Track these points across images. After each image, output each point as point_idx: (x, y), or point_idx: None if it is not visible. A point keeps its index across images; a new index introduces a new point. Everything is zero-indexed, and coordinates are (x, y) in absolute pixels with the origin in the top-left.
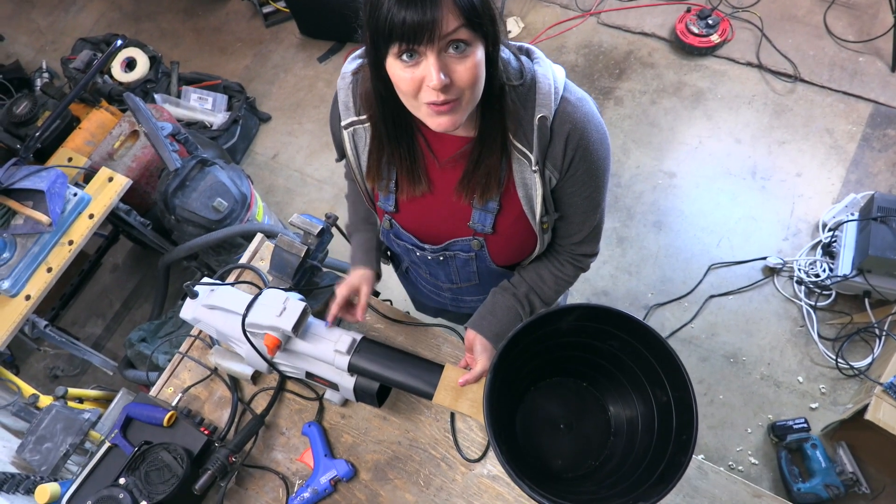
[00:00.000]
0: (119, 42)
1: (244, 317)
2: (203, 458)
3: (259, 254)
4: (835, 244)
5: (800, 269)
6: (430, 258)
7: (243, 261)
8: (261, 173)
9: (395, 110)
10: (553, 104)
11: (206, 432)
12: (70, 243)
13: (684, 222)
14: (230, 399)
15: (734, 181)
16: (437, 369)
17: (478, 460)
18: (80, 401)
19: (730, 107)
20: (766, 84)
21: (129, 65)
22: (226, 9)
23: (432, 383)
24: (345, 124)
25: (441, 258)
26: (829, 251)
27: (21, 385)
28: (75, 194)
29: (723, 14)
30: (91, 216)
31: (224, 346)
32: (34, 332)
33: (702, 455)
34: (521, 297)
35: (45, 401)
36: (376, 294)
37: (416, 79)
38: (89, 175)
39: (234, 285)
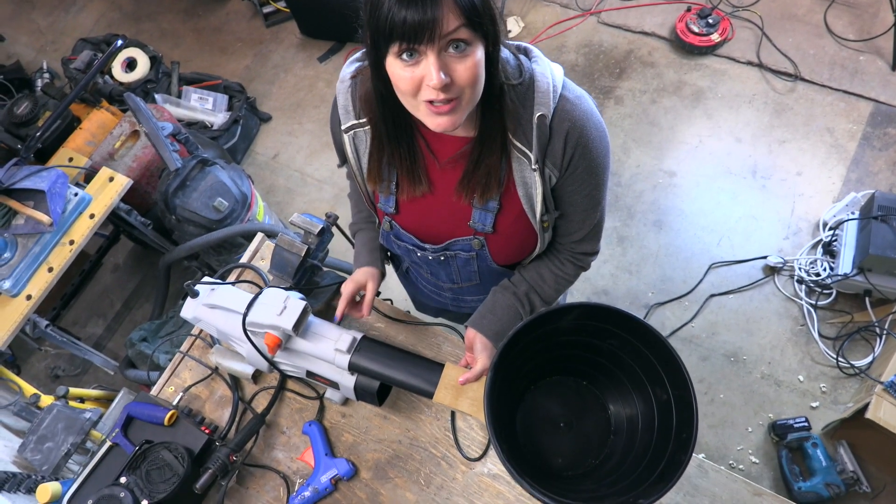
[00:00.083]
0: (119, 42)
1: (245, 316)
2: (204, 457)
3: (260, 253)
4: (835, 243)
5: (800, 268)
6: (430, 258)
7: (244, 260)
8: (261, 173)
9: (394, 110)
10: (552, 103)
11: (207, 431)
12: (71, 243)
13: (685, 221)
14: (231, 398)
15: (735, 180)
16: (438, 368)
17: (478, 459)
18: (82, 400)
19: (730, 106)
20: (767, 83)
21: (130, 65)
22: (226, 9)
23: (433, 382)
24: (345, 128)
25: (442, 258)
26: (829, 250)
27: (22, 385)
28: (76, 194)
29: (723, 13)
30: (92, 216)
31: (225, 345)
32: (35, 331)
33: (702, 454)
34: (521, 296)
35: (47, 400)
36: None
37: (416, 78)
38: (90, 175)
39: (234, 284)
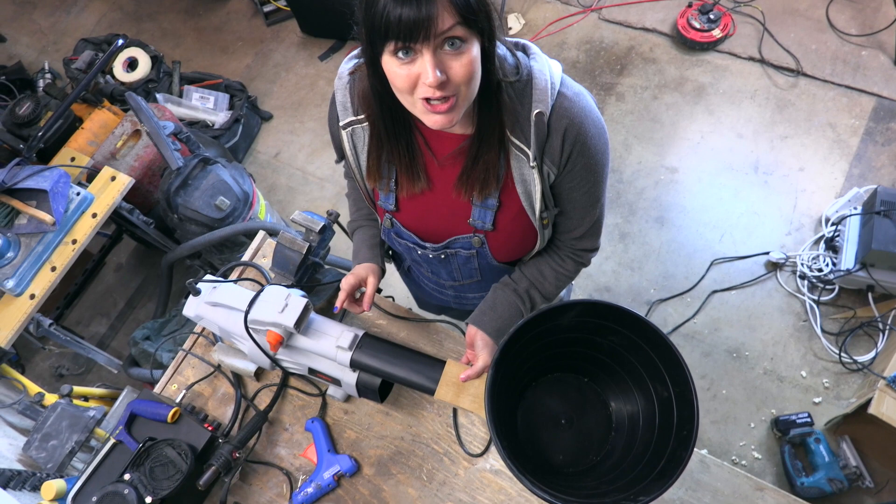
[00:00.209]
0: (120, 42)
1: (246, 313)
2: (207, 454)
3: (261, 251)
4: (838, 238)
5: (803, 264)
6: (431, 256)
7: (245, 258)
8: (263, 172)
9: (392, 107)
10: (550, 100)
11: (210, 428)
12: (73, 242)
13: (686, 218)
14: (233, 395)
15: (736, 176)
16: (439, 365)
17: (480, 455)
18: (86, 399)
19: (732, 102)
20: (769, 78)
21: (131, 65)
22: (227, 8)
23: (434, 379)
24: (343, 124)
25: (442, 256)
26: (832, 245)
27: (26, 383)
28: (78, 194)
29: (724, 9)
30: (94, 215)
31: (227, 342)
32: (39, 330)
33: (705, 450)
34: (521, 293)
35: (51, 399)
36: (379, 291)
37: (412, 76)
38: (92, 174)
39: (236, 282)
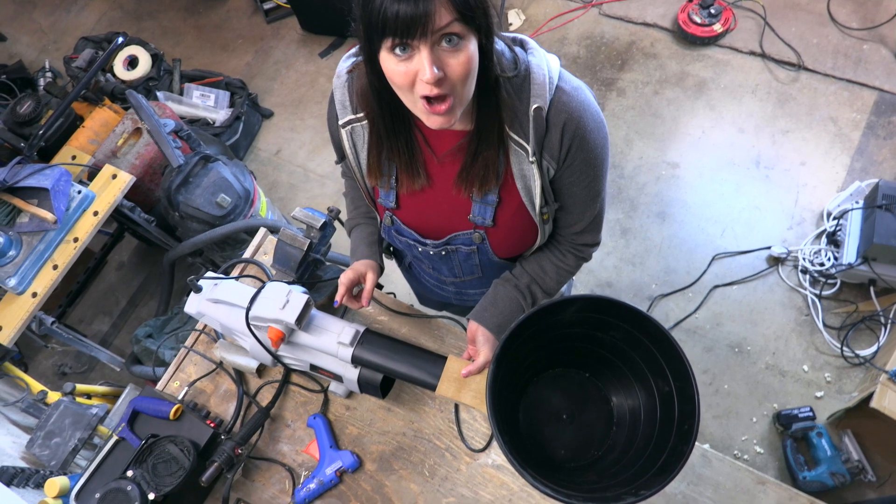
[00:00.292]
0: (120, 39)
1: (248, 310)
2: (209, 451)
3: (262, 248)
4: (839, 233)
5: (804, 258)
6: (432, 253)
7: (247, 255)
8: (264, 169)
9: (391, 104)
10: (548, 94)
11: (213, 425)
12: (75, 241)
13: (688, 213)
14: (235, 392)
15: (738, 171)
16: (441, 361)
17: (482, 450)
18: (89, 397)
19: (733, 96)
20: (770, 73)
21: (132, 63)
22: (227, 6)
23: (435, 375)
24: (342, 123)
25: (443, 252)
26: (833, 240)
27: (29, 382)
28: (79, 192)
29: (725, 3)
30: (95, 213)
31: (229, 339)
32: (41, 329)
33: (707, 444)
34: (522, 289)
35: (54, 397)
36: (380, 287)
37: (410, 72)
38: (93, 173)
39: (237, 279)
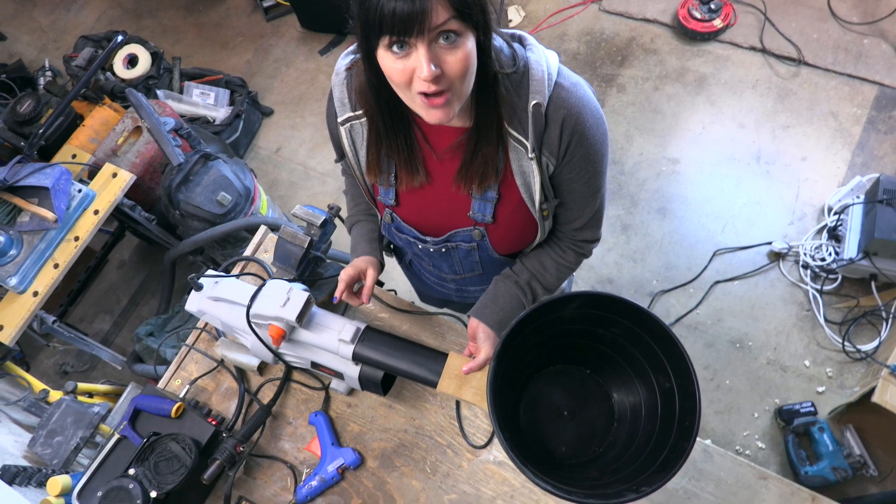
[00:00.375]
0: (119, 38)
1: (249, 308)
2: (211, 449)
3: (263, 246)
4: (840, 227)
5: (805, 254)
6: (432, 250)
7: (247, 253)
8: (264, 167)
9: (389, 101)
10: (547, 90)
11: (214, 423)
12: (76, 239)
13: (688, 209)
14: (237, 390)
15: (738, 166)
16: (441, 358)
17: (483, 446)
18: (90, 395)
19: (733, 92)
20: (770, 68)
21: (131, 61)
22: (226, 4)
23: (436, 372)
24: (341, 120)
25: (443, 250)
26: (834, 235)
27: (31, 381)
28: (80, 191)
29: None
30: (96, 212)
31: (230, 337)
32: (43, 328)
33: (709, 440)
34: (523, 285)
35: (55, 396)
36: (380, 284)
37: (408, 70)
38: (93, 171)
39: (238, 277)
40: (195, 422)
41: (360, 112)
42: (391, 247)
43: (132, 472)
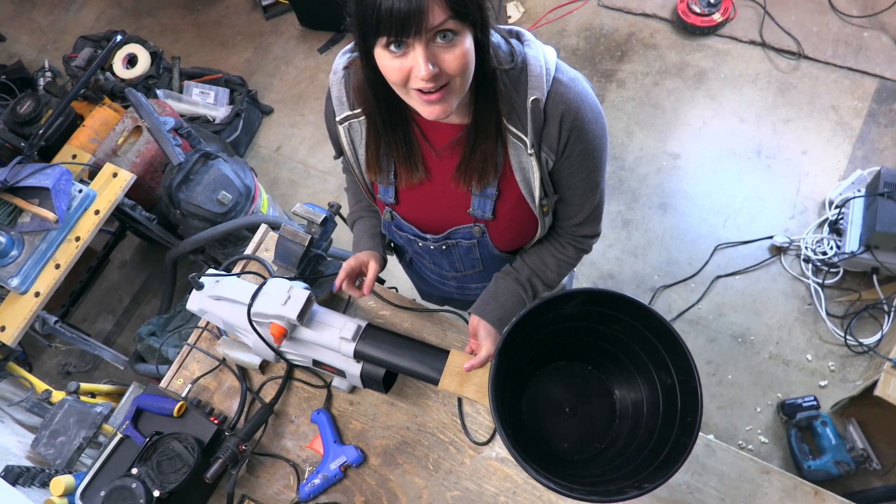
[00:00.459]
0: (119, 38)
1: (249, 307)
2: (214, 447)
3: (264, 244)
4: (842, 221)
5: (807, 248)
6: (432, 248)
7: (248, 252)
8: (265, 166)
9: (388, 98)
10: (545, 86)
11: (216, 422)
12: (77, 240)
13: (689, 203)
14: (239, 389)
15: (739, 161)
16: (443, 355)
17: (486, 443)
18: (93, 395)
19: (733, 86)
20: (770, 62)
21: (131, 61)
22: (225, 3)
23: (438, 369)
24: (339, 119)
25: (444, 247)
26: (836, 228)
27: (34, 381)
28: (80, 191)
29: None
30: (97, 212)
31: (231, 336)
32: (45, 328)
33: (711, 434)
34: (523, 282)
35: (58, 396)
36: (381, 282)
37: (405, 69)
38: (94, 172)
39: (239, 276)
40: (197, 421)
41: (359, 111)
42: (392, 245)
43: (135, 471)
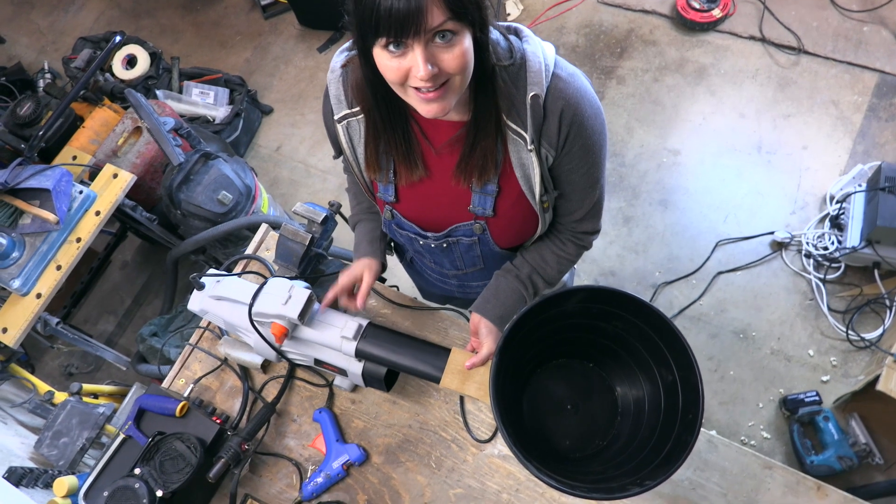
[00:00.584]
0: (118, 38)
1: (250, 306)
2: (216, 447)
3: (265, 244)
4: (843, 216)
5: (808, 243)
6: (433, 246)
7: (249, 251)
8: (265, 166)
9: (386, 96)
10: (544, 82)
11: (219, 421)
12: (78, 241)
13: (690, 200)
14: (241, 388)
15: (739, 156)
16: (444, 353)
17: (488, 440)
18: (95, 396)
19: (733, 82)
20: (770, 57)
21: (130, 62)
22: (224, 2)
23: (439, 367)
24: (338, 118)
25: (444, 245)
26: (837, 223)
27: (36, 382)
28: (81, 192)
29: None
30: (97, 213)
31: (233, 336)
32: (47, 329)
33: (714, 430)
34: (524, 279)
35: (61, 397)
36: (382, 280)
37: (404, 69)
38: (94, 173)
39: (240, 276)
40: (200, 421)
41: (357, 109)
42: (392, 244)
43: (138, 471)
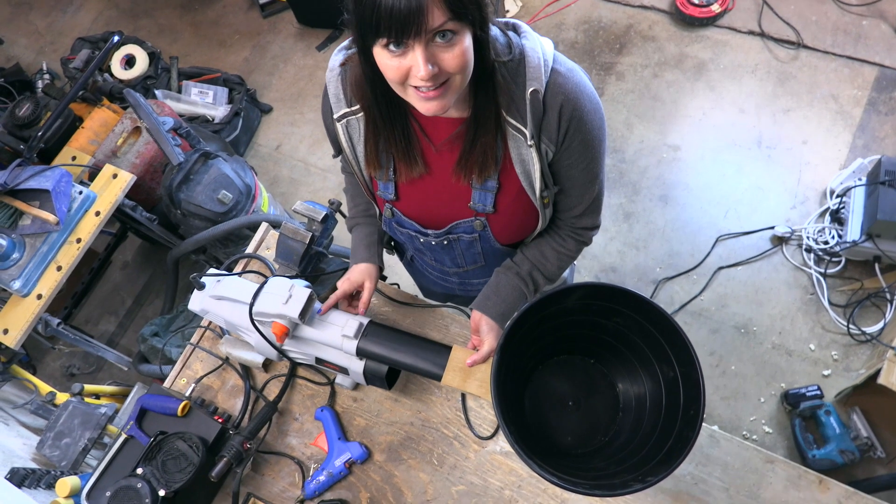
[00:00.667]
0: (116, 38)
1: (251, 306)
2: (218, 446)
3: (265, 243)
4: (843, 210)
5: (808, 237)
6: (433, 243)
7: (249, 250)
8: (265, 165)
9: (386, 93)
10: (544, 77)
11: (220, 420)
12: (78, 241)
13: (690, 195)
14: (242, 387)
15: (739, 152)
16: (445, 351)
17: (490, 437)
18: (97, 397)
19: (733, 77)
20: (769, 52)
21: (129, 62)
22: (223, 2)
23: (440, 365)
24: (337, 116)
25: (445, 242)
26: (837, 217)
27: (38, 383)
28: (80, 192)
29: None
30: (97, 213)
31: (234, 335)
32: (48, 330)
33: (715, 425)
34: (524, 276)
35: (62, 398)
36: (383, 278)
37: (404, 68)
38: (94, 173)
39: (240, 275)
40: (202, 420)
41: (357, 107)
42: (392, 244)
43: (140, 471)
